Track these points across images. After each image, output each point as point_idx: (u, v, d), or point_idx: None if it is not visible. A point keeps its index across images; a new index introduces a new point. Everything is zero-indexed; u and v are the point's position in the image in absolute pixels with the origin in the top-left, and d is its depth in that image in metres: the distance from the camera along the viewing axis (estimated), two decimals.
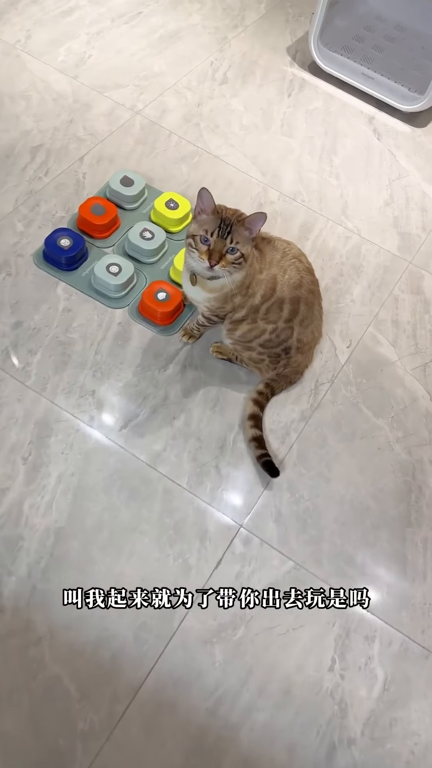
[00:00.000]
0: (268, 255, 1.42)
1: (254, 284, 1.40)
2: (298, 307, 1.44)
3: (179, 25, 2.44)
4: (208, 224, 1.30)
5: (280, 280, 1.42)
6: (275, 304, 1.43)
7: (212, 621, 1.32)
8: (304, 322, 1.48)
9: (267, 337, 1.48)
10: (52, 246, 1.69)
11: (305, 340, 1.52)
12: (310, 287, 1.46)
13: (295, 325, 1.47)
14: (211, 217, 1.31)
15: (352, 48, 2.39)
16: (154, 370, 1.61)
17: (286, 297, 1.43)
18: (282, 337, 1.48)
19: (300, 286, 1.44)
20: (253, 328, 1.48)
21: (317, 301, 1.50)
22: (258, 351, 1.51)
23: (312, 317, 1.49)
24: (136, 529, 1.39)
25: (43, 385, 1.54)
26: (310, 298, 1.46)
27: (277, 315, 1.44)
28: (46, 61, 2.20)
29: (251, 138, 2.15)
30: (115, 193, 1.84)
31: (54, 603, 1.29)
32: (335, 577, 1.39)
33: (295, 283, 1.43)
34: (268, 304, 1.44)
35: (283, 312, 1.44)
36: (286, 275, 1.43)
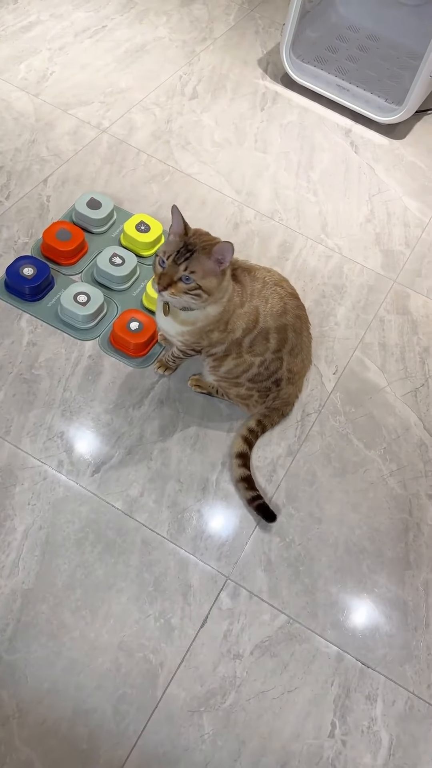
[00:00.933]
0: (249, 286, 1.31)
1: (234, 318, 1.29)
2: (285, 335, 1.34)
3: (145, 39, 2.34)
4: (170, 246, 1.19)
5: (262, 310, 1.31)
6: (260, 335, 1.32)
7: (199, 687, 1.19)
8: (293, 351, 1.37)
9: (255, 371, 1.37)
10: (14, 275, 1.57)
11: (295, 370, 1.41)
12: (296, 312, 1.35)
13: (284, 355, 1.36)
14: (176, 240, 1.19)
15: (325, 59, 2.31)
16: (128, 406, 1.49)
17: (271, 327, 1.32)
18: (271, 369, 1.37)
19: (284, 313, 1.33)
20: (240, 363, 1.36)
21: (305, 326, 1.40)
22: (247, 387, 1.40)
23: (301, 344, 1.39)
24: (113, 588, 1.26)
25: (6, 428, 1.42)
26: (297, 324, 1.36)
27: (263, 347, 1.34)
28: (6, 79, 2.09)
29: (224, 154, 2.05)
30: (82, 217, 1.73)
31: (23, 676, 1.16)
32: (332, 629, 1.28)
33: (279, 311, 1.33)
34: (252, 336, 1.33)
35: (270, 343, 1.33)
36: (269, 304, 1.32)
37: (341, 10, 2.45)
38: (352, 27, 2.44)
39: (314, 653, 1.26)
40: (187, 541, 1.34)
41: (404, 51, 2.39)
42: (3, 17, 2.28)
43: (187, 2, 2.54)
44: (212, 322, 1.27)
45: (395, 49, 2.40)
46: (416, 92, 2.07)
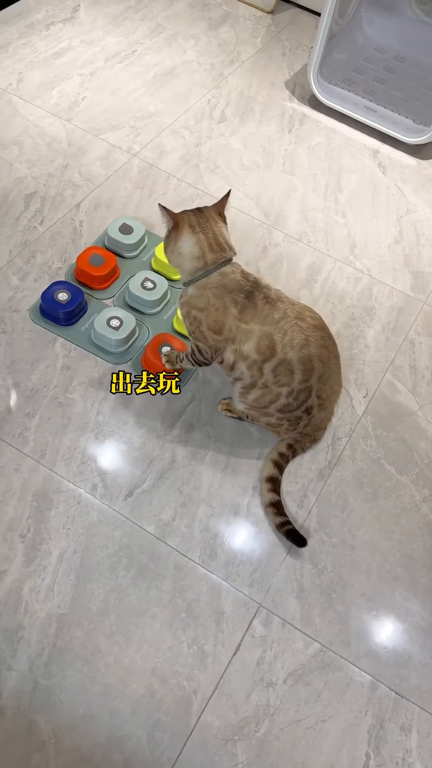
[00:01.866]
0: (262, 311, 1.32)
1: (231, 327, 1.31)
2: (311, 365, 1.34)
3: (174, 63, 2.38)
4: None
5: (279, 340, 1.31)
6: (282, 366, 1.33)
7: (233, 715, 1.20)
8: (322, 378, 1.37)
9: (284, 401, 1.37)
10: (49, 300, 1.60)
11: (325, 396, 1.41)
12: (320, 343, 1.35)
13: (313, 383, 1.36)
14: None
15: (352, 80, 2.32)
16: (159, 430, 1.51)
17: (293, 358, 1.32)
18: (301, 399, 1.37)
19: (307, 344, 1.33)
20: (266, 393, 1.37)
21: (333, 355, 1.40)
22: (277, 417, 1.41)
23: (329, 372, 1.39)
24: (146, 613, 1.27)
25: (41, 452, 1.44)
26: (323, 353, 1.36)
27: (288, 377, 1.34)
28: (38, 105, 2.13)
29: (252, 177, 2.07)
30: (114, 242, 1.76)
31: (58, 701, 1.17)
32: (365, 658, 1.28)
33: (300, 343, 1.32)
34: (272, 364, 1.33)
35: (295, 374, 1.34)
36: (287, 337, 1.32)
37: (368, 31, 2.47)
38: (379, 48, 2.46)
39: (348, 682, 1.25)
40: (219, 567, 1.34)
41: (430, 71, 2.39)
42: (36, 44, 2.34)
43: (214, 25, 2.57)
44: (194, 305, 1.33)
45: (422, 70, 2.41)
46: None
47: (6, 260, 1.73)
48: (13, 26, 2.38)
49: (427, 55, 2.42)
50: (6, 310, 1.64)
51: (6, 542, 1.31)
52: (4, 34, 2.34)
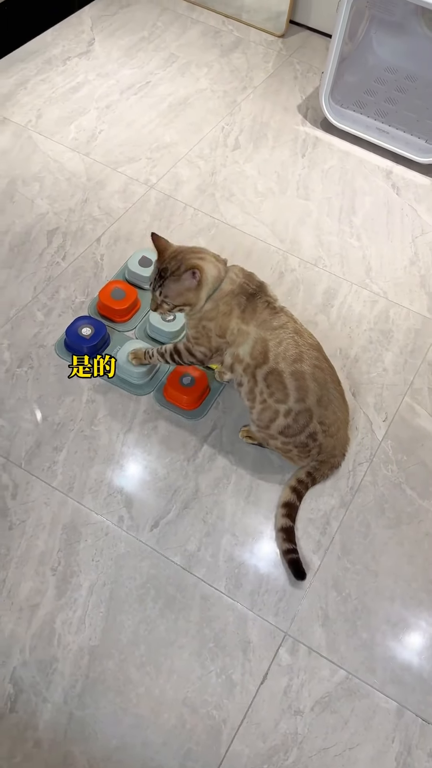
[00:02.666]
0: (260, 315, 1.37)
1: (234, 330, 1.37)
2: (304, 383, 1.36)
3: (188, 92, 2.43)
4: (152, 273, 1.39)
5: (273, 348, 1.35)
6: (272, 375, 1.36)
7: (261, 744, 1.22)
8: (321, 402, 1.39)
9: (283, 421, 1.39)
10: (73, 336, 1.65)
11: (329, 422, 1.43)
12: (314, 363, 1.37)
13: (311, 407, 1.38)
14: (155, 266, 1.38)
15: (364, 103, 2.35)
16: (182, 460, 1.55)
17: (285, 370, 1.35)
18: (301, 422, 1.39)
19: (300, 360, 1.36)
20: (266, 408, 1.40)
21: (331, 379, 1.41)
22: (281, 441, 1.44)
23: (330, 397, 1.40)
24: (174, 644, 1.31)
25: (70, 485, 1.48)
26: (318, 374, 1.38)
27: (282, 393, 1.36)
28: (57, 140, 2.20)
29: (267, 204, 2.11)
30: (135, 275, 1.81)
31: (92, 732, 1.21)
32: (391, 684, 1.29)
33: (293, 356, 1.35)
34: (263, 371, 1.37)
35: (287, 389, 1.36)
36: (281, 347, 1.35)
37: (378, 52, 2.49)
38: (390, 69, 2.48)
39: (374, 709, 1.27)
40: (245, 596, 1.37)
41: None
42: (53, 79, 2.40)
43: (226, 52, 2.62)
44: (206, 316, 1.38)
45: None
46: None
47: (31, 296, 1.79)
48: (31, 63, 2.45)
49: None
50: (32, 345, 1.69)
51: (38, 576, 1.36)
52: (22, 71, 2.41)
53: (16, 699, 1.23)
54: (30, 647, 1.28)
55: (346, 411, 1.50)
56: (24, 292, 1.79)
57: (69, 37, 2.58)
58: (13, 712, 1.22)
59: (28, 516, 1.43)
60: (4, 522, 1.42)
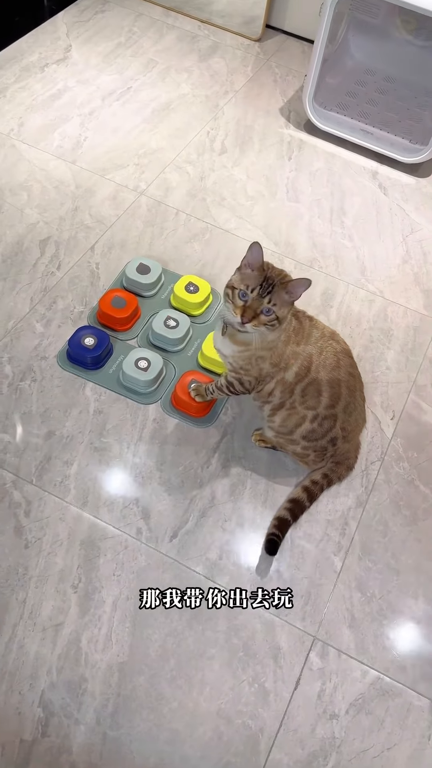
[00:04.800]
0: (307, 330, 1.36)
1: (288, 355, 1.33)
2: (339, 391, 1.37)
3: (170, 97, 2.42)
4: (251, 280, 1.24)
5: (315, 360, 1.35)
6: (311, 386, 1.35)
7: (300, 750, 1.21)
8: (347, 409, 1.40)
9: (309, 426, 1.39)
10: (76, 346, 1.62)
11: (350, 428, 1.44)
12: (348, 370, 1.38)
13: (338, 413, 1.39)
14: (255, 274, 1.25)
15: (347, 105, 2.37)
16: (196, 467, 1.53)
17: (323, 379, 1.35)
18: (325, 427, 1.39)
19: (338, 367, 1.36)
20: (292, 414, 1.40)
21: (359, 385, 1.43)
22: (302, 446, 1.43)
23: (355, 403, 1.41)
24: (204, 655, 1.29)
25: (84, 500, 1.45)
26: (351, 382, 1.39)
27: (315, 400, 1.36)
28: (42, 148, 2.16)
29: (259, 207, 2.11)
30: (133, 282, 1.78)
31: (129, 752, 1.18)
32: (422, 681, 1.30)
33: (332, 364, 1.36)
34: (303, 384, 1.36)
35: (322, 396, 1.36)
36: (322, 355, 1.35)
37: (356, 55, 2.52)
38: (369, 71, 2.51)
39: (408, 707, 1.27)
40: None
41: (421, 90, 2.45)
42: (32, 86, 2.36)
43: (204, 57, 2.62)
44: (266, 347, 1.31)
45: (411, 89, 2.46)
46: None
47: (28, 308, 1.75)
48: (8, 70, 2.40)
49: (414, 74, 2.48)
50: (34, 358, 1.65)
51: (59, 594, 1.32)
52: (0, 78, 2.36)
53: (47, 723, 1.19)
54: (57, 668, 1.25)
55: (365, 418, 1.51)
56: (21, 303, 1.75)
57: (45, 44, 2.54)
58: (45, 736, 1.18)
59: (44, 533, 1.40)
60: (20, 540, 1.38)
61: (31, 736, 1.18)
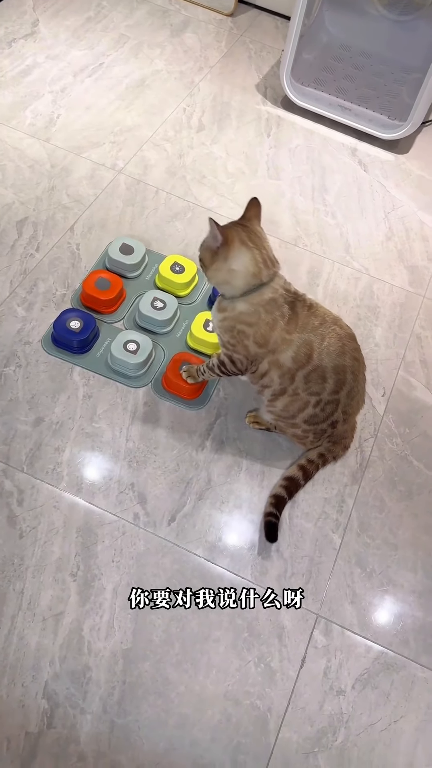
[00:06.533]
0: (303, 319, 1.33)
1: (277, 341, 1.31)
2: (344, 377, 1.35)
3: (144, 73, 2.36)
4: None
5: (317, 346, 1.33)
6: (315, 372, 1.34)
7: (309, 728, 1.21)
8: (350, 393, 1.38)
9: (311, 411, 1.38)
10: (61, 330, 1.57)
11: (350, 411, 1.43)
12: (354, 355, 1.37)
13: (341, 398, 1.37)
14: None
15: (324, 80, 2.35)
16: (191, 450, 1.50)
17: (328, 366, 1.33)
18: (327, 411, 1.38)
19: (343, 353, 1.34)
20: (295, 401, 1.38)
21: (362, 368, 1.41)
22: (303, 429, 1.42)
23: (358, 388, 1.40)
24: (209, 638, 1.27)
25: (78, 486, 1.42)
26: (355, 366, 1.37)
27: (320, 386, 1.35)
28: (14, 126, 2.08)
29: (240, 185, 2.07)
30: (116, 263, 1.74)
31: (138, 738, 1.16)
32: (425, 654, 1.31)
33: (337, 350, 1.34)
34: (305, 371, 1.34)
35: (327, 383, 1.34)
36: (325, 342, 1.33)
37: (331, 30, 2.49)
38: (344, 46, 2.48)
39: (412, 680, 1.28)
40: (272, 582, 1.35)
41: (397, 66, 2.44)
42: (0, 62, 2.27)
43: (177, 32, 2.55)
44: (243, 320, 1.32)
45: (387, 65, 2.45)
46: (420, 107, 2.12)
47: (8, 291, 1.69)
48: None
49: (390, 50, 2.46)
50: (17, 343, 1.60)
51: (58, 583, 1.29)
52: None
53: (53, 714, 1.17)
54: (60, 658, 1.22)
55: (364, 400, 1.49)
56: (0, 287, 1.69)
57: (11, 18, 2.45)
58: (51, 728, 1.15)
59: (39, 522, 1.36)
60: (14, 531, 1.34)
61: (36, 728, 1.15)
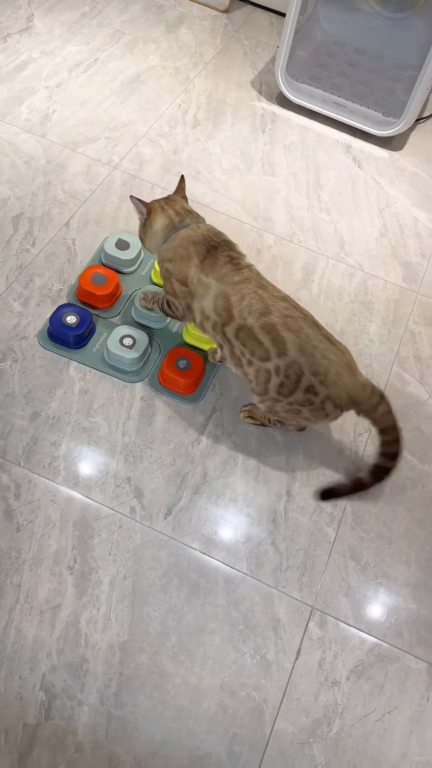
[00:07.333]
0: (220, 269, 1.37)
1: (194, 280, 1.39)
2: (278, 335, 1.31)
3: (139, 69, 2.36)
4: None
5: (236, 303, 1.34)
6: (243, 332, 1.34)
7: (304, 718, 1.22)
8: (304, 350, 1.32)
9: (276, 380, 1.35)
10: (58, 324, 1.57)
11: (322, 370, 1.32)
12: (284, 313, 1.33)
13: (296, 358, 1.32)
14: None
15: (318, 77, 2.35)
16: (187, 445, 1.51)
17: (254, 325, 1.32)
18: (293, 378, 1.33)
19: (267, 313, 1.32)
20: (258, 370, 1.37)
21: (306, 324, 1.33)
22: (286, 402, 1.38)
23: (312, 342, 1.32)
24: (205, 630, 1.28)
25: (74, 480, 1.42)
26: (290, 323, 1.33)
27: (260, 349, 1.33)
28: (9, 122, 2.08)
29: (235, 181, 2.08)
30: (112, 258, 1.74)
31: (134, 729, 1.17)
32: (419, 646, 1.32)
33: (260, 310, 1.32)
34: (232, 328, 1.35)
35: (263, 344, 1.32)
36: (244, 302, 1.33)
37: (326, 26, 2.50)
38: (339, 43, 2.49)
39: (406, 671, 1.30)
40: (267, 575, 1.36)
41: (391, 63, 2.45)
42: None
43: (172, 28, 2.55)
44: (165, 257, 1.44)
45: (382, 62, 2.46)
46: (414, 104, 2.13)
47: (4, 287, 1.69)
48: None
49: (384, 46, 2.47)
50: (13, 338, 1.60)
51: (55, 576, 1.30)
52: None
53: (50, 706, 1.17)
54: (57, 651, 1.23)
55: (340, 353, 1.36)
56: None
57: (6, 13, 2.44)
58: (48, 719, 1.16)
59: (36, 516, 1.36)
60: (11, 524, 1.35)
61: (34, 720, 1.16)
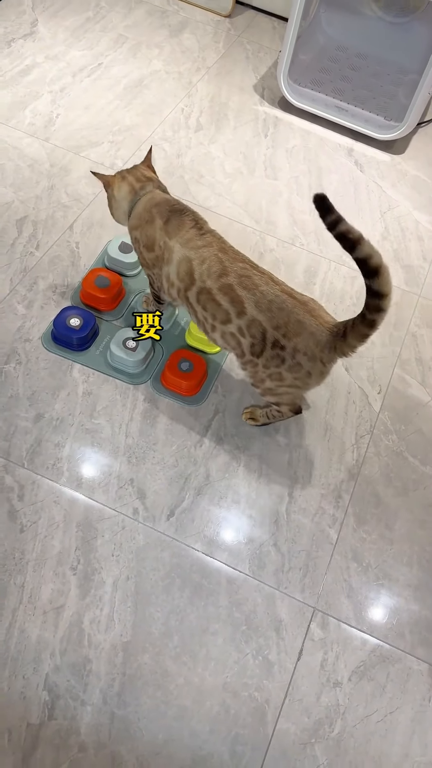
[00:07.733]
0: (185, 233, 1.38)
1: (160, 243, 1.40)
2: (235, 295, 1.32)
3: (142, 73, 2.37)
4: None
5: (197, 267, 1.35)
6: (203, 295, 1.35)
7: (306, 719, 1.23)
8: (260, 306, 1.30)
9: (246, 342, 1.35)
10: (61, 327, 1.59)
11: (282, 322, 1.29)
12: (239, 273, 1.32)
13: (254, 315, 1.31)
14: None
15: (320, 81, 2.37)
16: (189, 446, 1.52)
17: (213, 287, 1.34)
18: (257, 335, 1.32)
19: (225, 274, 1.32)
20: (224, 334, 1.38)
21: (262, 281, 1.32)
22: (263, 364, 1.37)
23: (265, 296, 1.30)
24: (207, 630, 1.29)
25: (78, 482, 1.43)
26: (245, 281, 1.31)
27: (221, 312, 1.34)
28: (13, 126, 2.10)
29: (238, 185, 2.09)
30: (115, 261, 1.75)
31: (137, 729, 1.18)
32: (421, 647, 1.33)
33: (218, 272, 1.33)
34: (193, 292, 1.37)
35: (222, 305, 1.33)
36: (204, 265, 1.35)
37: (328, 31, 2.51)
38: (341, 47, 2.51)
39: (408, 672, 1.30)
40: (269, 576, 1.37)
41: (393, 67, 2.46)
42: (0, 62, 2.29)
43: (175, 32, 2.57)
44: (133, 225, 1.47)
45: (384, 66, 2.47)
46: (416, 108, 2.14)
47: (9, 289, 1.70)
48: None
49: (386, 51, 2.48)
50: (17, 340, 1.61)
51: (58, 577, 1.31)
52: None
53: (54, 706, 1.18)
54: (60, 651, 1.23)
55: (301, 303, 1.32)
56: (0, 284, 1.71)
57: (10, 18, 2.46)
58: (52, 719, 1.17)
59: (39, 516, 1.37)
60: (15, 525, 1.36)
61: (37, 719, 1.17)
